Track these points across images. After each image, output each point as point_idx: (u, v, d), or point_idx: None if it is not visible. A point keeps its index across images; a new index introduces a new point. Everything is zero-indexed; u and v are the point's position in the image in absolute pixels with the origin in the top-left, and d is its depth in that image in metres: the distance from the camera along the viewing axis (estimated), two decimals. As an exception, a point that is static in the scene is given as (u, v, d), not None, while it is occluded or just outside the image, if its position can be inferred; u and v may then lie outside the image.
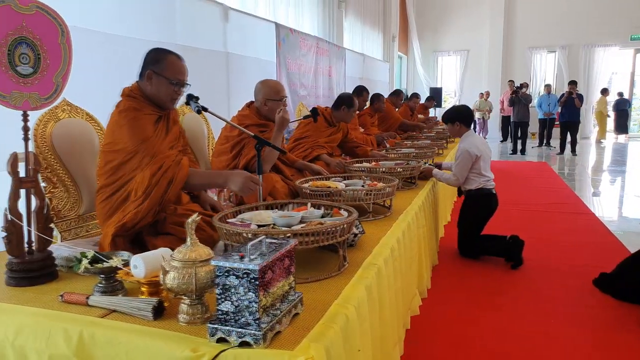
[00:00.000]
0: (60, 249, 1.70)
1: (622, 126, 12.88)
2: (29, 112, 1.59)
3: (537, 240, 3.63)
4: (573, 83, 10.39)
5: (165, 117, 1.88)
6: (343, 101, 3.49)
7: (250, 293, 1.12)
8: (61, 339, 1.24)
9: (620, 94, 12.93)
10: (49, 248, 1.64)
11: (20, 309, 1.35)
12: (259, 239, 1.26)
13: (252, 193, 1.83)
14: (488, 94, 13.04)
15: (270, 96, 2.58)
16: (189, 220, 1.25)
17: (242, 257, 1.15)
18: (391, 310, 1.83)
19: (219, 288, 1.15)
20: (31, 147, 1.69)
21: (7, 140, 2.02)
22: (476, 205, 3.49)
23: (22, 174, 1.58)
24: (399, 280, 2.04)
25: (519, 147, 10.74)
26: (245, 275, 1.12)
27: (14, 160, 1.53)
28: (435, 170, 3.38)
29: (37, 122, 1.85)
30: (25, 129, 1.57)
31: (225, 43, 3.66)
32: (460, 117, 3.50)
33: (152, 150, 1.74)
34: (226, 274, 1.14)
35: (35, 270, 1.55)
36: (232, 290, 1.13)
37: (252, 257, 1.16)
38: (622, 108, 12.73)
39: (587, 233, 4.35)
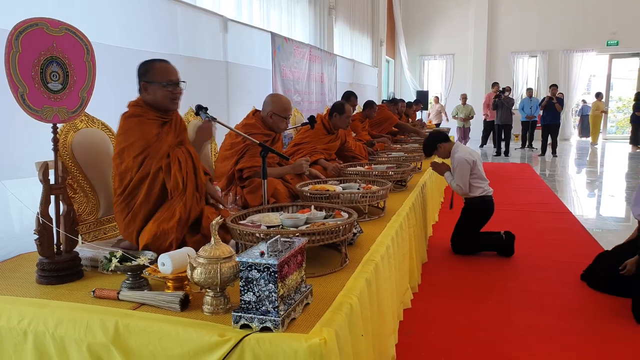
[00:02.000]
0: (83, 250, 1.84)
1: (585, 129, 14.13)
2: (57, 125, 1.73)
3: (520, 238, 3.86)
4: (554, 86, 10.77)
5: (172, 121, 2.02)
6: (334, 108, 3.69)
7: (270, 285, 1.29)
8: (98, 329, 1.39)
9: (584, 101, 14.19)
10: (75, 249, 1.78)
11: (58, 304, 1.50)
12: (274, 238, 1.42)
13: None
14: (465, 97, 11.71)
15: (277, 111, 2.75)
16: (213, 222, 1.41)
17: (262, 254, 1.32)
18: (387, 302, 2.02)
19: (242, 281, 1.31)
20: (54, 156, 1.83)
21: (30, 149, 2.16)
22: (479, 211, 3.72)
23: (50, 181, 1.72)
24: (394, 275, 2.22)
25: (503, 149, 11.08)
26: (265, 270, 1.29)
27: (45, 169, 1.67)
28: (447, 174, 3.61)
29: (59, 132, 1.98)
30: (55, 141, 1.72)
31: (225, 53, 3.83)
32: (437, 139, 3.73)
33: (158, 151, 1.89)
34: (249, 268, 1.30)
35: (64, 270, 1.69)
36: (254, 282, 1.30)
37: (270, 253, 1.33)
38: (585, 113, 13.96)
39: (565, 231, 4.60)
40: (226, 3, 4.63)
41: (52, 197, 1.71)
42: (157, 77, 1.93)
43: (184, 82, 2.00)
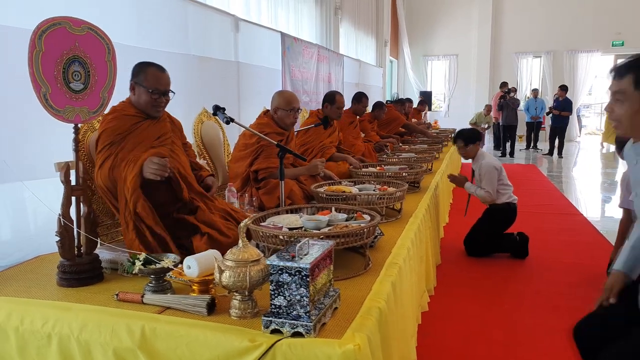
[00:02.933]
0: (102, 252, 1.82)
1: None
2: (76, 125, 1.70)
3: (531, 240, 3.84)
4: (559, 88, 10.72)
5: (155, 120, 1.99)
6: (325, 99, 3.63)
7: (302, 289, 1.27)
8: (124, 333, 1.37)
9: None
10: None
11: (82, 307, 1.47)
12: (303, 241, 1.40)
13: (159, 171, 1.73)
14: (490, 108, 11.14)
15: (280, 105, 2.73)
16: (241, 224, 1.39)
17: (293, 257, 1.30)
18: (408, 305, 2.00)
19: (272, 284, 1.29)
20: (72, 157, 1.81)
21: (45, 149, 2.14)
22: (503, 218, 3.71)
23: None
24: (413, 278, 2.20)
25: (508, 149, 11.05)
26: (297, 273, 1.27)
27: (67, 170, 1.65)
28: (468, 184, 3.59)
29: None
30: (76, 141, 1.69)
31: (237, 53, 3.80)
32: (477, 137, 3.79)
33: (130, 150, 1.84)
34: (280, 272, 1.28)
35: (85, 272, 1.66)
36: (285, 286, 1.28)
37: (301, 257, 1.30)
38: (577, 115, 14.27)
39: (577, 233, 4.57)
40: (234, 2, 4.62)
41: (73, 199, 1.68)
42: (145, 81, 1.91)
43: (172, 92, 1.98)
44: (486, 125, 10.72)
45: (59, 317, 1.43)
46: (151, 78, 1.92)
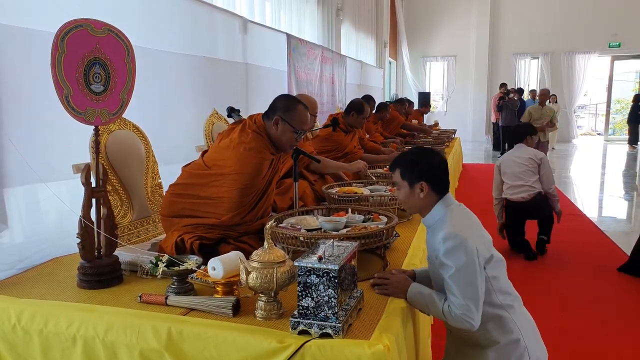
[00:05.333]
0: (121, 254, 1.82)
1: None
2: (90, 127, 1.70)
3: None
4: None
5: (277, 159, 2.01)
6: (353, 107, 3.61)
7: (330, 290, 1.28)
8: (151, 335, 1.37)
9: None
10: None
11: (106, 309, 1.47)
12: (328, 242, 1.41)
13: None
14: (545, 94, 7.42)
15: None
16: (267, 226, 1.40)
17: (320, 259, 1.30)
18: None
19: (300, 286, 1.29)
20: (89, 159, 1.81)
21: (61, 150, 2.14)
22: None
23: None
24: (428, 279, 2.21)
25: (507, 150, 11.10)
26: (325, 275, 1.27)
27: (87, 171, 1.65)
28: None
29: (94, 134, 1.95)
30: (97, 143, 1.69)
31: (245, 54, 3.81)
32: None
33: (257, 186, 1.91)
34: (307, 273, 1.29)
35: (105, 274, 1.66)
36: (313, 287, 1.29)
37: (328, 258, 1.31)
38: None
39: (581, 233, 4.60)
40: (239, 4, 4.62)
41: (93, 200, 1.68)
42: (294, 120, 1.90)
43: (305, 131, 2.03)
44: (545, 122, 6.99)
45: (84, 319, 1.43)
46: (301, 118, 1.92)
